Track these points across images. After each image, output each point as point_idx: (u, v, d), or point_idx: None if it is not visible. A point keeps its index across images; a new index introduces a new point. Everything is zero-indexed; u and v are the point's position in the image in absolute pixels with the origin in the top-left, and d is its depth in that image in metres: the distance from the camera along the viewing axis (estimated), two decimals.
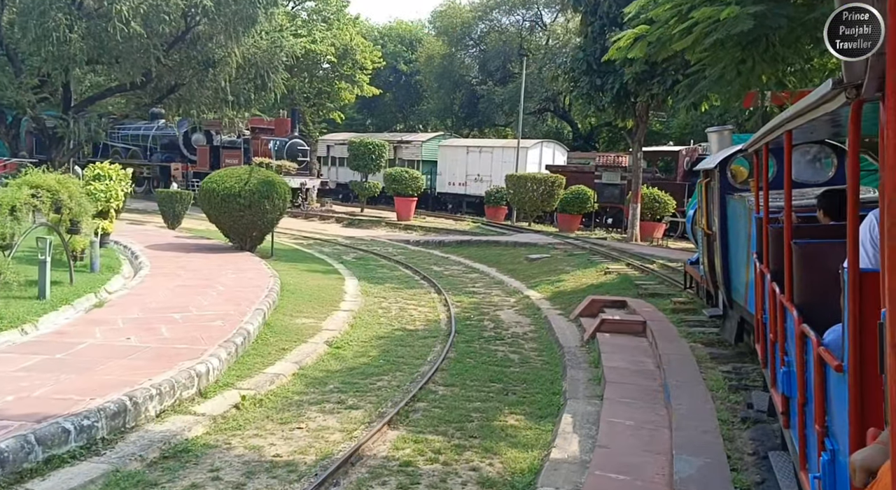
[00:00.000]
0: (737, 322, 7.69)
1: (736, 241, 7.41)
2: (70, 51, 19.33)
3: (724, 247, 7.66)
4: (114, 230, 12.96)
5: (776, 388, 4.27)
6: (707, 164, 8.64)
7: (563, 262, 16.10)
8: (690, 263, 11.03)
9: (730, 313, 8.10)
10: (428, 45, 47.84)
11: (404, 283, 14.64)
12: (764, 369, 5.13)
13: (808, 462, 3.35)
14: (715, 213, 7.95)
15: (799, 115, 3.38)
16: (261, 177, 15.51)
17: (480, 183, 32.93)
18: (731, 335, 7.97)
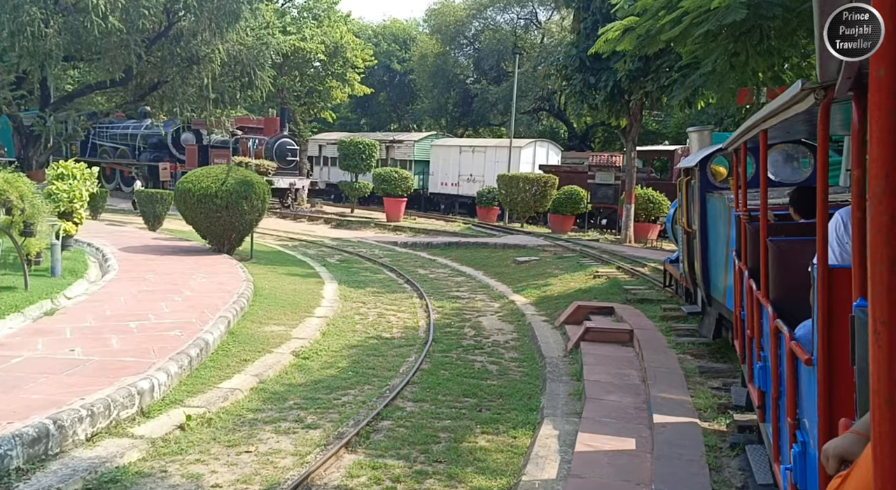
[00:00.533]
0: (715, 319, 7.76)
1: (715, 238, 7.45)
2: (45, 46, 18.74)
3: (704, 244, 7.71)
4: (76, 232, 12.39)
5: (753, 383, 4.32)
6: (687, 163, 8.59)
7: (552, 265, 15.56)
8: (670, 262, 11.07)
9: (708, 310, 8.13)
10: (421, 44, 47.26)
11: (386, 286, 14.10)
12: (742, 365, 5.15)
13: (781, 454, 3.41)
14: (695, 211, 7.94)
15: (772, 115, 3.43)
16: (239, 177, 14.97)
17: (473, 183, 32.40)
18: (709, 332, 8.02)
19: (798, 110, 2.88)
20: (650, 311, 10.36)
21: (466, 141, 36.12)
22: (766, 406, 3.91)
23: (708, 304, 8.05)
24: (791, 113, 3.04)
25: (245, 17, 21.84)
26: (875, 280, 1.14)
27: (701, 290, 8.13)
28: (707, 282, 7.83)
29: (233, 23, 21.17)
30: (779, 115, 3.32)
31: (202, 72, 21.88)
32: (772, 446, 3.68)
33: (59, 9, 19.31)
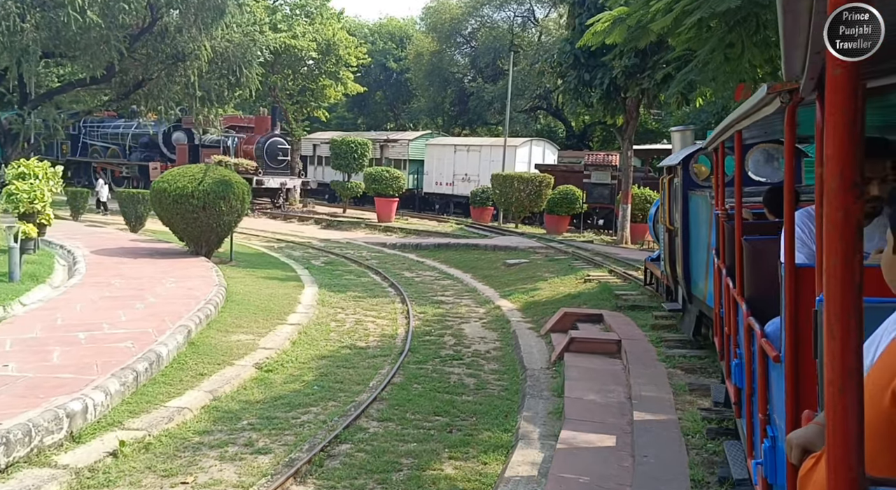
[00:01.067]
0: (695, 316, 7.84)
1: (697, 236, 7.48)
2: (22, 42, 18.18)
3: (686, 242, 7.76)
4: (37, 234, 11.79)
5: (730, 380, 4.41)
6: (670, 161, 8.63)
7: (543, 267, 14.98)
8: (651, 260, 11.16)
9: (689, 307, 8.14)
10: (417, 43, 46.66)
11: (369, 291, 13.53)
12: (721, 362, 5.23)
13: (754, 449, 3.46)
14: (677, 209, 8.00)
15: (743, 117, 3.50)
16: (217, 176, 14.40)
17: (468, 183, 31.82)
18: (689, 329, 8.11)
19: (767, 113, 2.93)
20: (641, 318, 9.79)
21: (461, 140, 35.57)
22: (742, 402, 3.99)
23: (689, 301, 8.06)
24: (761, 115, 3.09)
25: (231, 13, 21.26)
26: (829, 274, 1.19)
27: (682, 287, 8.13)
28: (688, 279, 7.83)
29: (217, 18, 20.62)
30: (750, 116, 3.36)
31: (188, 69, 21.31)
32: (746, 441, 3.74)
33: (37, 3, 18.75)
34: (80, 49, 19.48)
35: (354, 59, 33.29)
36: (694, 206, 7.60)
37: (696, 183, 7.71)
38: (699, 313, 7.72)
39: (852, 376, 1.16)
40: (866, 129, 1.21)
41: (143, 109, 22.91)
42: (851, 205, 1.17)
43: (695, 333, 8.00)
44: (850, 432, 1.16)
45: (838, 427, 1.16)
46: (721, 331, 5.14)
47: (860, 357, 1.17)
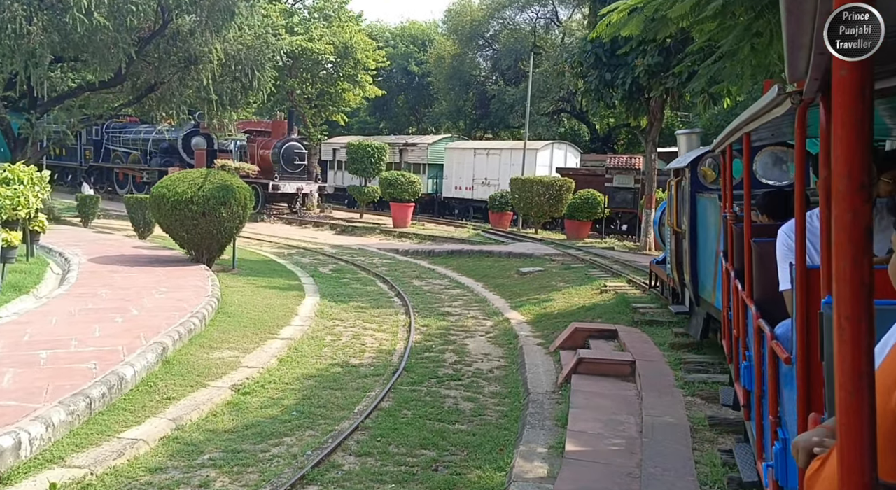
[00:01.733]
0: (703, 319, 7.78)
1: (705, 239, 7.49)
2: (29, 45, 17.83)
3: (693, 245, 7.75)
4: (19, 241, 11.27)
5: (739, 383, 4.35)
6: (678, 164, 8.60)
7: (558, 276, 14.18)
8: (656, 263, 11.13)
9: (696, 310, 8.11)
10: (438, 46, 46.02)
11: (373, 300, 12.85)
12: (729, 364, 5.18)
13: (764, 452, 3.44)
14: (685, 211, 7.99)
15: (753, 118, 3.49)
16: (217, 181, 13.83)
17: (488, 187, 31.07)
18: (696, 332, 8.01)
19: (777, 114, 2.90)
20: (659, 335, 8.96)
21: (481, 143, 34.85)
22: (751, 405, 3.98)
23: (696, 304, 8.04)
24: (770, 117, 3.08)
25: (242, 15, 20.76)
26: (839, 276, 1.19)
27: (689, 290, 8.12)
28: (695, 282, 7.83)
29: (228, 20, 20.13)
30: (760, 118, 3.33)
31: (200, 73, 20.84)
32: (755, 444, 3.71)
33: (45, 6, 18.41)
34: (89, 52, 19.10)
35: (373, 62, 32.71)
36: (702, 208, 7.59)
37: (703, 186, 7.72)
38: (707, 316, 7.68)
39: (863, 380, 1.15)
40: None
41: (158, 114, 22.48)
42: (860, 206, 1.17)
43: (703, 336, 7.94)
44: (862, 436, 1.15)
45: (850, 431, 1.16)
46: (729, 333, 5.11)
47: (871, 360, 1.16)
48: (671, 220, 9.02)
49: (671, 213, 9.08)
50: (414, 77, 49.71)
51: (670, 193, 9.22)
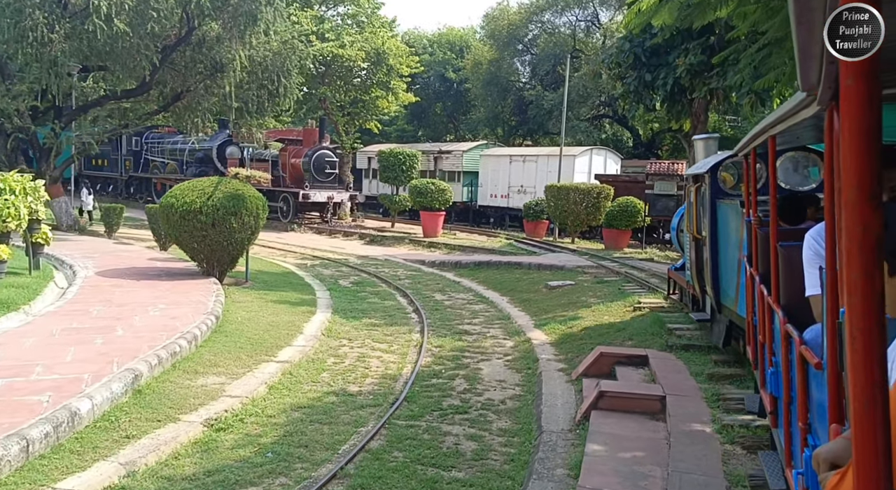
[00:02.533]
0: (725, 326, 7.63)
1: (726, 245, 7.41)
2: (51, 53, 17.58)
3: (714, 251, 7.65)
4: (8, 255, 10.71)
5: (765, 389, 4.30)
6: (698, 169, 8.51)
7: (589, 291, 13.13)
8: (675, 269, 11.01)
9: (718, 317, 7.97)
10: (476, 51, 45.22)
11: (389, 317, 12.01)
12: (755, 371, 5.13)
13: (793, 459, 3.42)
14: (705, 217, 7.91)
15: (779, 121, 3.48)
16: (228, 190, 13.19)
17: (524, 195, 30.09)
18: (719, 339, 7.88)
19: (805, 115, 2.87)
20: (696, 362, 7.90)
21: (516, 150, 33.86)
22: (778, 411, 3.92)
23: (718, 311, 7.87)
24: (798, 119, 3.03)
25: (267, 21, 20.25)
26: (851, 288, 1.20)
27: (710, 297, 7.97)
28: (717, 289, 7.67)
29: (251, 24, 19.62)
30: (786, 120, 3.30)
31: (224, 79, 20.39)
32: (784, 452, 3.65)
33: (67, 14, 18.15)
34: (112, 60, 18.78)
35: (406, 68, 32.04)
36: (722, 214, 7.49)
37: (724, 191, 7.58)
38: (729, 323, 7.50)
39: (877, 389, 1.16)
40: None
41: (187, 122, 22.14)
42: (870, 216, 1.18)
43: (725, 344, 7.74)
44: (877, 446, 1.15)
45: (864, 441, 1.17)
46: (754, 339, 5.05)
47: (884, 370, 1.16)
48: (690, 227, 8.88)
49: (690, 220, 8.95)
50: (451, 84, 49.02)
51: (689, 200, 9.15)
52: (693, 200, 8.72)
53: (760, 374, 4.64)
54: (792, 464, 3.45)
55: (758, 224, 4.88)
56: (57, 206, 20.68)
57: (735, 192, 7.48)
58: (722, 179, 7.62)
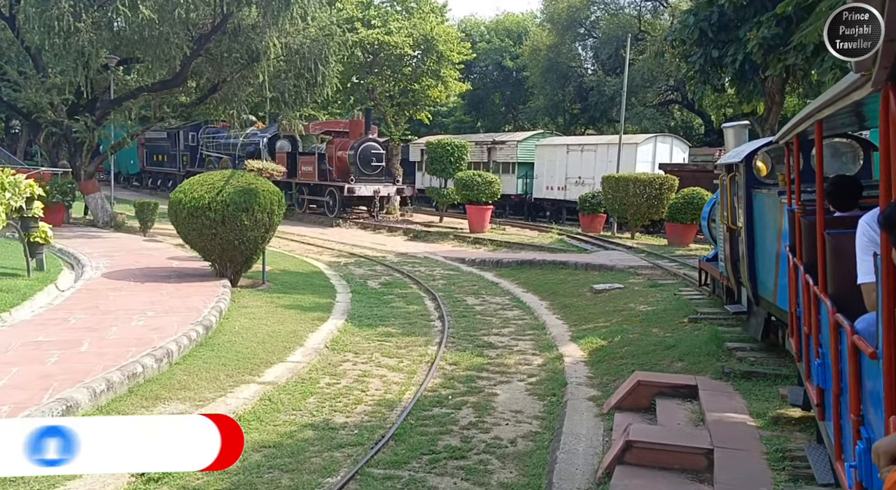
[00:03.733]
0: (763, 318, 7.42)
1: (762, 235, 7.27)
2: (78, 43, 16.94)
3: (750, 242, 7.49)
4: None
5: (811, 381, 4.26)
6: (731, 159, 8.38)
7: (639, 296, 11.50)
8: (706, 260, 10.90)
9: (756, 310, 7.78)
10: (534, 37, 43.34)
11: (408, 325, 10.71)
12: (798, 363, 5.03)
13: (844, 452, 3.36)
14: (740, 207, 7.78)
15: (828, 104, 3.38)
16: (240, 184, 12.12)
17: (582, 186, 28.32)
18: (757, 332, 7.64)
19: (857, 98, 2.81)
20: (759, 396, 6.28)
21: (573, 139, 32.02)
22: (826, 403, 3.86)
23: (755, 303, 7.68)
24: (850, 101, 2.97)
25: (301, 5, 19.19)
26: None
27: (747, 289, 7.81)
28: (754, 281, 7.50)
29: (284, 9, 18.58)
30: (835, 103, 3.23)
31: (257, 69, 19.46)
32: (833, 445, 3.57)
33: (94, 2, 17.49)
34: (141, 50, 18.07)
35: (457, 55, 30.57)
36: (758, 204, 7.34)
37: (759, 180, 7.41)
38: (767, 316, 7.29)
39: None
40: None
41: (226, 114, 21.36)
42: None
43: (763, 336, 7.49)
44: None
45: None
46: (799, 331, 4.94)
47: None
48: (725, 217, 8.68)
49: (724, 210, 8.77)
50: (510, 72, 47.31)
51: (722, 189, 8.96)
52: (727, 190, 8.51)
53: (806, 365, 4.52)
54: (842, 457, 3.36)
55: (802, 212, 4.73)
56: (92, 202, 20.22)
57: (770, 180, 7.36)
58: (757, 168, 7.39)
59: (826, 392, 3.81)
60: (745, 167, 7.46)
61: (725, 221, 8.66)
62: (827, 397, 3.79)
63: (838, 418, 3.45)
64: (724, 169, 8.89)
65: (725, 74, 19.33)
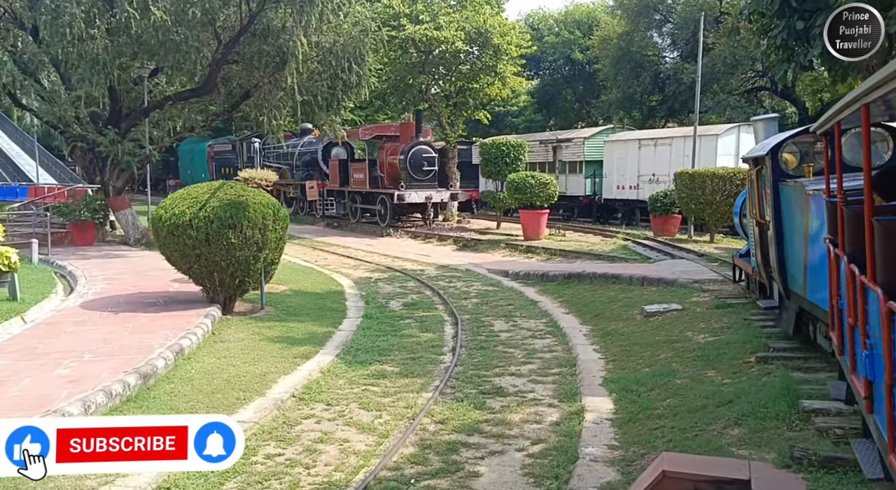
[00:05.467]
0: (794, 313, 7.23)
1: (791, 228, 7.12)
2: (93, 50, 15.96)
3: (779, 235, 7.34)
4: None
5: (856, 374, 4.23)
6: (757, 152, 8.39)
7: (700, 321, 9.19)
8: (739, 256, 10.71)
9: (787, 304, 7.54)
10: (604, 26, 40.60)
11: (410, 361, 8.83)
12: (840, 357, 4.96)
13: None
14: (768, 201, 7.63)
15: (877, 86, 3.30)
16: (228, 197, 10.59)
17: (656, 184, 25.66)
18: (788, 326, 7.42)
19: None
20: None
21: (646, 133, 29.30)
22: (877, 396, 3.75)
23: (786, 297, 7.39)
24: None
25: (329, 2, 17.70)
26: None
27: (777, 283, 7.57)
28: (784, 275, 7.28)
29: (309, 5, 17.12)
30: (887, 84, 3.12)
31: (286, 71, 18.08)
32: (886, 438, 3.44)
33: (107, 6, 16.50)
34: (161, 55, 16.97)
35: (515, 48, 28.42)
36: (786, 197, 7.19)
37: (787, 173, 7.43)
38: (798, 310, 7.02)
39: None
40: None
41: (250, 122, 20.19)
42: None
43: (795, 331, 7.22)
44: None
45: None
46: (841, 323, 4.76)
47: None
48: (754, 211, 8.62)
49: (753, 204, 8.72)
50: (580, 66, 44.67)
51: (751, 183, 8.93)
52: (755, 184, 8.43)
53: (851, 359, 4.39)
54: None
55: (843, 202, 4.62)
56: (123, 219, 19.33)
57: (798, 173, 7.33)
58: (784, 161, 7.43)
59: (875, 384, 3.69)
60: (771, 160, 7.37)
61: (754, 216, 8.59)
62: (877, 389, 3.65)
63: (892, 410, 3.32)
64: (751, 162, 8.74)
65: (812, 49, 16.54)
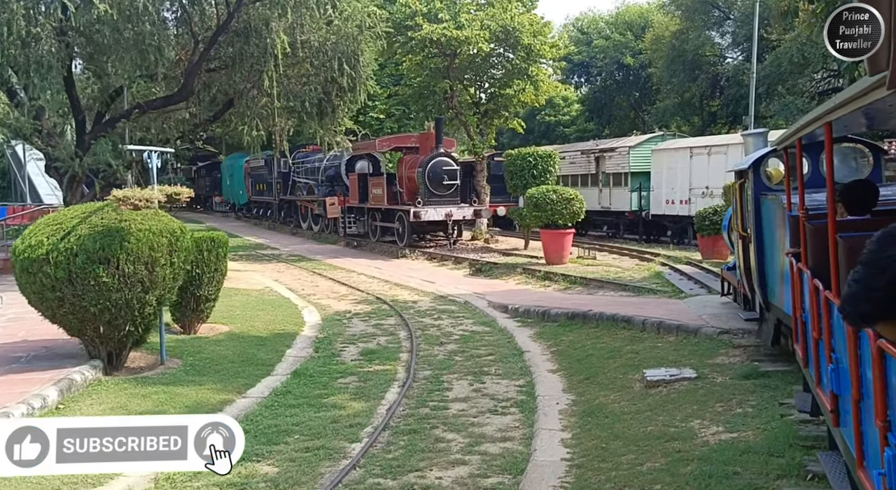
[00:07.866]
0: (773, 324, 7.39)
1: (771, 241, 7.35)
2: (37, 53, 14.05)
3: (760, 248, 7.56)
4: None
5: (821, 388, 4.30)
6: (740, 166, 8.72)
7: (716, 400, 6.19)
8: (728, 269, 10.76)
9: (766, 316, 7.75)
10: (657, 26, 37.26)
11: (300, 458, 6.15)
12: (805, 369, 5.07)
13: (867, 459, 3.35)
14: (749, 214, 7.98)
15: (842, 105, 3.39)
16: (102, 223, 8.18)
17: (710, 198, 22.35)
18: (767, 338, 7.62)
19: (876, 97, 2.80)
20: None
21: (697, 140, 25.90)
22: (843, 409, 3.83)
23: (766, 309, 7.58)
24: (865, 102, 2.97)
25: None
26: None
27: (758, 295, 7.73)
28: (764, 286, 7.45)
29: None
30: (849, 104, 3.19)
31: (265, 73, 15.85)
32: (854, 451, 3.53)
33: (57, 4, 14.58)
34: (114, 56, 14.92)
35: (549, 49, 25.54)
36: (767, 210, 7.40)
37: (767, 187, 7.62)
38: (777, 321, 7.10)
39: None
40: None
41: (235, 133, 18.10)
42: None
43: (774, 342, 7.33)
44: None
45: None
46: (805, 336, 4.96)
47: None
48: (737, 224, 8.84)
49: (736, 217, 8.95)
50: (633, 71, 41.38)
51: (734, 197, 9.16)
52: (738, 197, 8.67)
53: (816, 371, 4.50)
54: (864, 465, 3.33)
55: (806, 216, 4.82)
56: None
57: (779, 187, 7.28)
58: (767, 175, 7.59)
59: (841, 398, 3.74)
60: (752, 173, 7.59)
61: (737, 228, 8.71)
62: (843, 403, 3.72)
63: (859, 424, 3.36)
64: (735, 176, 8.85)
65: None
